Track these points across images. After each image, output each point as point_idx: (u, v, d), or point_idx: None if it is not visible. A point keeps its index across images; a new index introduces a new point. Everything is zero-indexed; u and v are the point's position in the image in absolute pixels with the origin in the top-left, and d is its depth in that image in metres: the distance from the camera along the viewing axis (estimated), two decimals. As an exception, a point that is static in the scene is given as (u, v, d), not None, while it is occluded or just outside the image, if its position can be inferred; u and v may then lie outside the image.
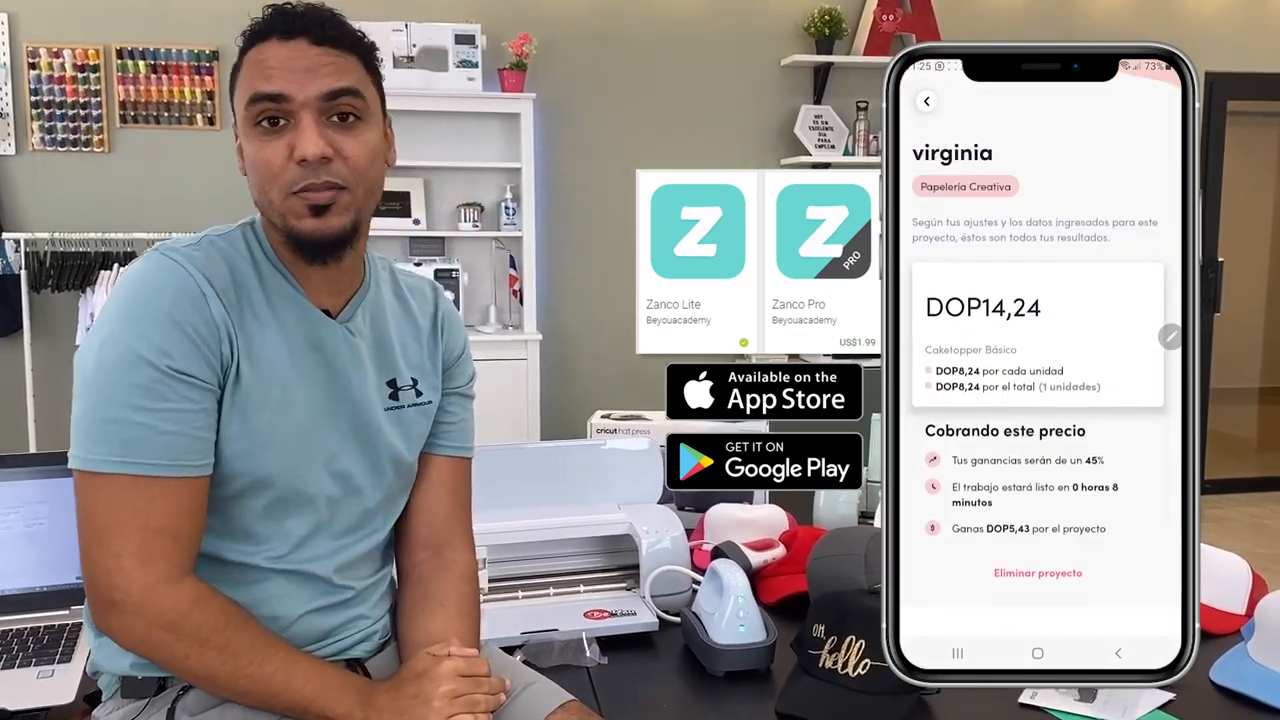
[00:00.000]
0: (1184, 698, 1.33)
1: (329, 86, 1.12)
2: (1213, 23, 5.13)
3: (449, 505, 1.34)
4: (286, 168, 1.12)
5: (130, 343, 1.07)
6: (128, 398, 1.06)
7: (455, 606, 1.27)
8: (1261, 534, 4.90)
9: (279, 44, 1.13)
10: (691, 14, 4.83)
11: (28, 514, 1.55)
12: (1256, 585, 1.62)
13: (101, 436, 1.07)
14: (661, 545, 1.66)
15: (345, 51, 1.16)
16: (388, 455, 1.25)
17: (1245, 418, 6.10)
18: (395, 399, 1.26)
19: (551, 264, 4.78)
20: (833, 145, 4.82)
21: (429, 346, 1.32)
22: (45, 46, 4.34)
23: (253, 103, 1.12)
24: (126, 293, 1.10)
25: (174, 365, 1.07)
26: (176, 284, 1.09)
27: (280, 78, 1.11)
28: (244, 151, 1.16)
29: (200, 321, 1.08)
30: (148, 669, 1.15)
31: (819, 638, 1.36)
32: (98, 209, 4.34)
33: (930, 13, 4.77)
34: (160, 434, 1.06)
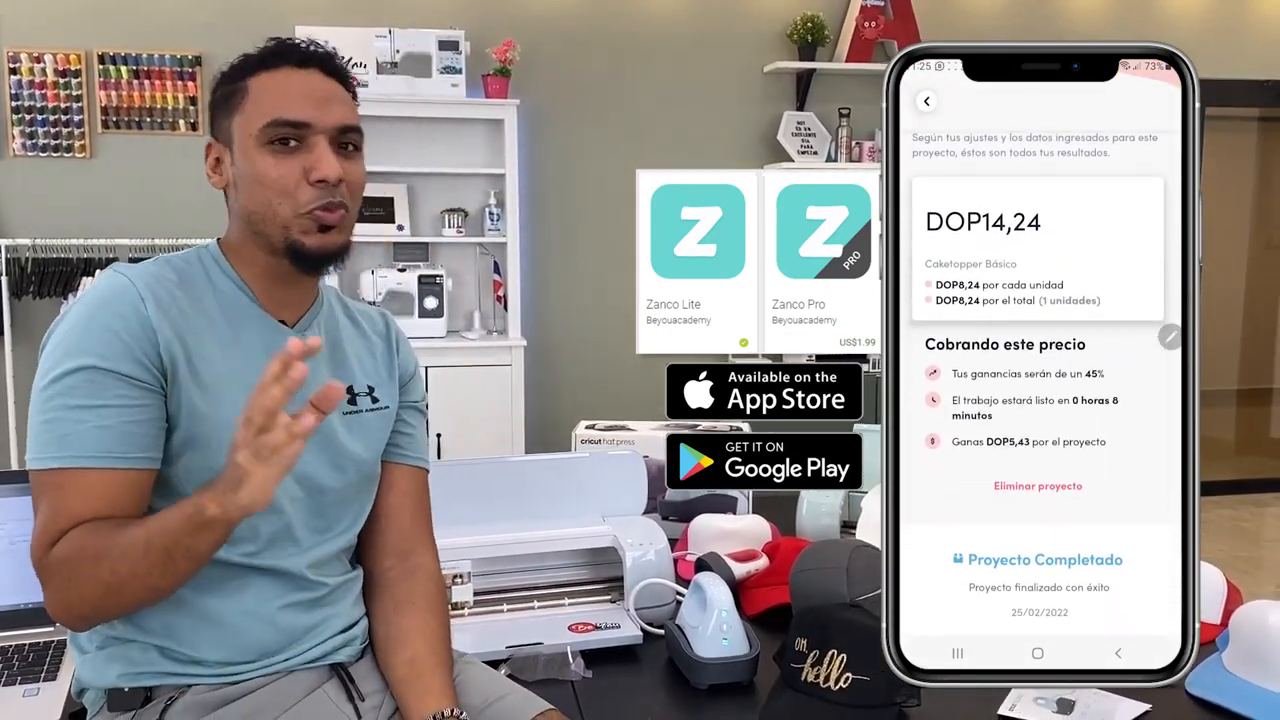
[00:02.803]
0: (1160, 708, 1.35)
1: (343, 121, 1.23)
2: (1191, 30, 5.18)
3: (412, 513, 1.39)
4: (301, 187, 1.19)
5: (68, 350, 1.13)
6: (65, 399, 1.12)
7: (424, 605, 1.32)
8: (1240, 537, 4.94)
9: (294, 72, 1.22)
10: (675, 21, 4.84)
11: (12, 530, 1.54)
12: (1231, 595, 1.64)
13: (45, 438, 1.12)
14: (646, 558, 1.67)
15: (345, 86, 1.26)
16: (348, 456, 1.29)
17: (1223, 420, 6.14)
18: (353, 404, 1.32)
19: (536, 270, 4.78)
20: (815, 151, 4.84)
21: (384, 359, 1.39)
22: (26, 51, 4.32)
23: (272, 126, 1.19)
24: (75, 309, 1.17)
25: (104, 365, 1.12)
26: (116, 295, 1.16)
27: (302, 105, 1.20)
28: (242, 167, 1.21)
29: (136, 323, 1.14)
30: (133, 679, 1.17)
31: (801, 651, 1.38)
32: (80, 215, 4.33)
33: (912, 19, 4.80)
34: (95, 428, 1.11)
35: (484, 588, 1.69)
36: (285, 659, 1.23)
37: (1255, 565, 4.50)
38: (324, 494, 1.28)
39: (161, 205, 4.38)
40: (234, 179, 1.23)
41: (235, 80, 1.23)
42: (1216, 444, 5.99)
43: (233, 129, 1.22)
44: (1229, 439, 6.08)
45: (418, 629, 1.29)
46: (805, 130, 4.86)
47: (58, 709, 1.37)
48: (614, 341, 4.57)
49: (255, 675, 1.21)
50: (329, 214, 1.20)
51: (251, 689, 1.20)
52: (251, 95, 1.21)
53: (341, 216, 1.22)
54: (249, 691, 1.20)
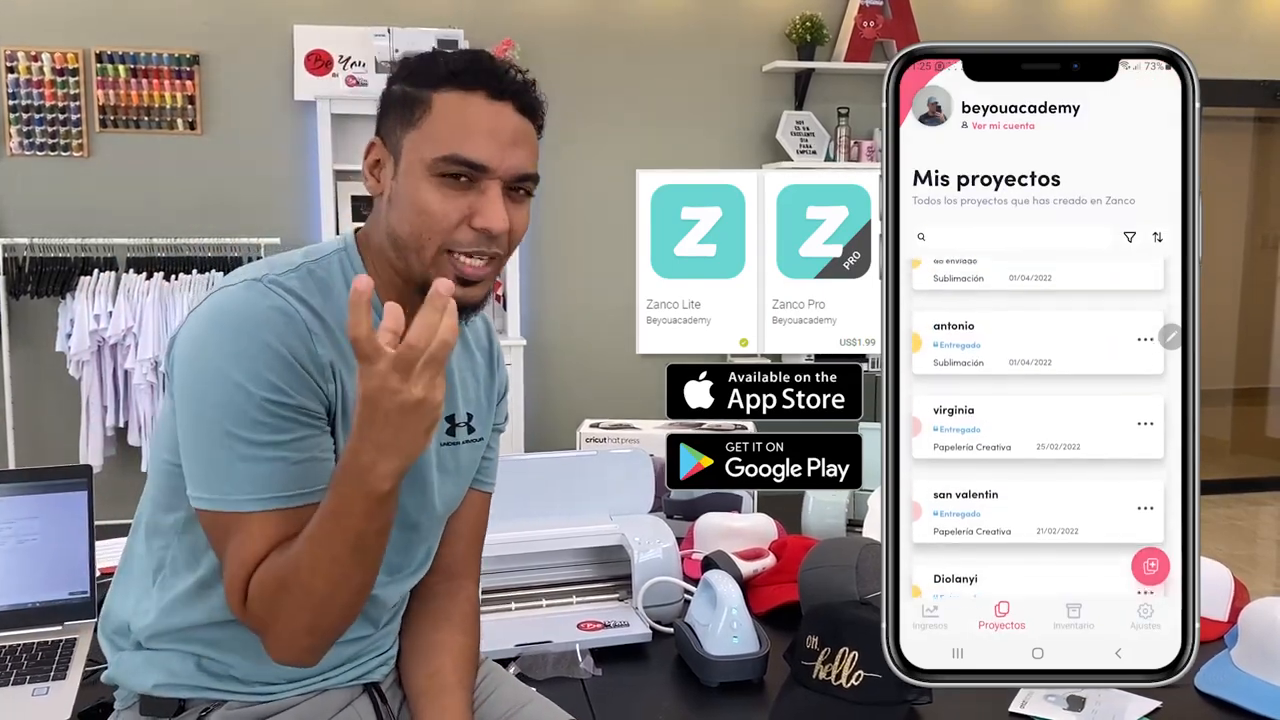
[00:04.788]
0: (1170, 706, 1.35)
1: (522, 169, 1.12)
2: (1188, 30, 5.20)
3: (468, 538, 1.34)
4: (461, 228, 1.09)
5: (245, 382, 1.03)
6: (253, 434, 1.03)
7: (460, 623, 1.29)
8: (1236, 535, 4.96)
9: (486, 102, 1.10)
10: (674, 20, 4.84)
11: (20, 529, 1.54)
12: (1239, 592, 1.64)
13: (233, 476, 1.04)
14: (653, 556, 1.67)
15: (534, 124, 1.15)
16: (438, 491, 1.22)
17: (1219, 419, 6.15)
18: (451, 434, 1.24)
19: (535, 269, 4.78)
20: (814, 151, 4.84)
21: (485, 382, 1.30)
22: (23, 50, 4.31)
23: (450, 160, 1.08)
24: (230, 327, 1.06)
25: (292, 402, 1.05)
26: (282, 318, 1.06)
27: (487, 145, 1.08)
28: (404, 186, 1.10)
29: (308, 359, 1.06)
30: (169, 690, 1.15)
31: (812, 649, 1.38)
32: (77, 214, 4.30)
33: (910, 19, 4.81)
34: (291, 465, 1.05)
35: (492, 586, 1.68)
36: (323, 679, 1.20)
37: (1251, 564, 4.53)
38: (412, 529, 1.21)
39: (159, 204, 4.36)
40: (391, 192, 1.12)
41: (420, 86, 1.10)
42: (1212, 443, 6.00)
43: (404, 141, 1.10)
44: (1225, 438, 6.10)
45: (446, 645, 1.25)
46: (804, 130, 4.86)
47: (67, 708, 1.37)
48: (614, 341, 4.56)
49: (290, 695, 1.18)
50: (474, 267, 1.10)
51: (284, 706, 1.17)
52: (434, 114, 1.09)
53: (488, 271, 1.12)
54: (281, 709, 1.17)
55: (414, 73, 1.12)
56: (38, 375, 4.32)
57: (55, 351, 4.15)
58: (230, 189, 4.35)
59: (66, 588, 1.56)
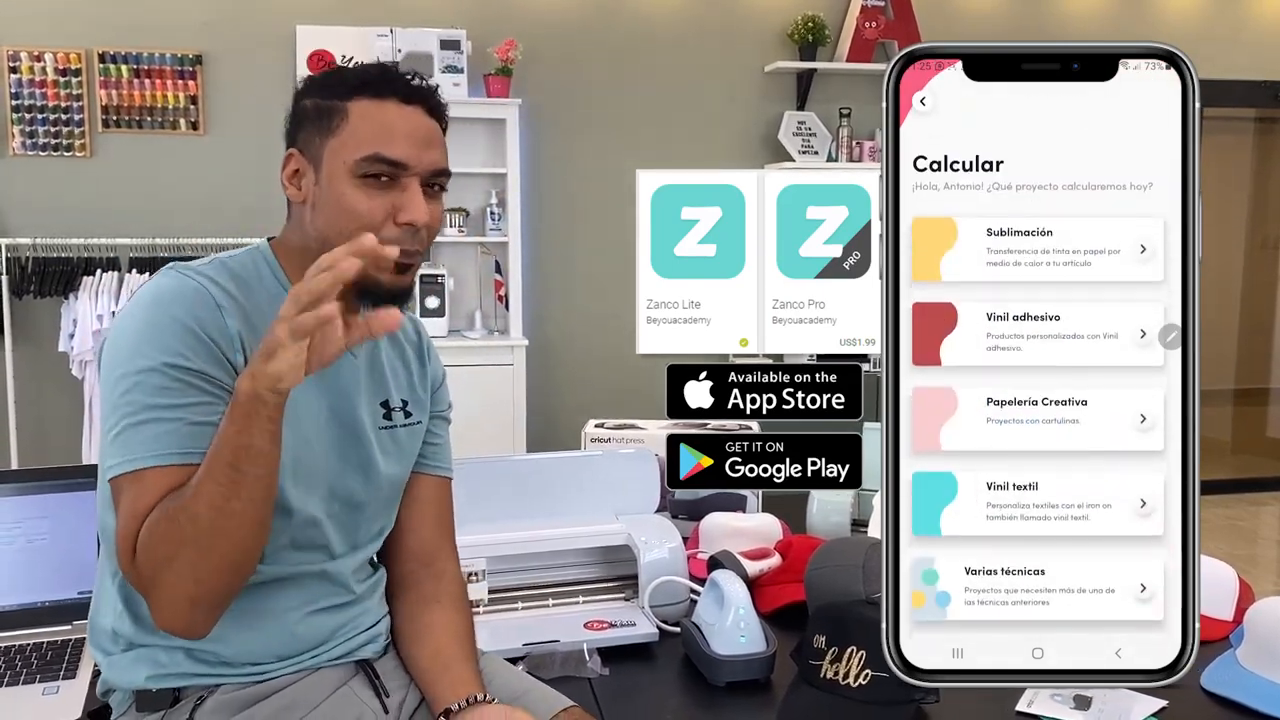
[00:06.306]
0: (1176, 705, 1.35)
1: (437, 165, 1.20)
2: (1187, 30, 5.20)
3: (435, 522, 1.39)
4: (386, 225, 1.17)
5: (151, 353, 1.10)
6: (154, 399, 1.09)
7: (449, 602, 1.34)
8: (1237, 536, 4.96)
9: (399, 107, 1.18)
10: (676, 21, 4.85)
11: (29, 529, 1.54)
12: (1244, 592, 1.65)
13: (134, 440, 1.09)
14: (660, 556, 1.68)
15: (441, 125, 1.24)
16: (383, 473, 1.29)
17: (1219, 419, 6.16)
18: (389, 419, 1.31)
19: (537, 269, 4.78)
20: (816, 151, 4.85)
21: (417, 372, 1.38)
22: (26, 50, 4.31)
23: (371, 160, 1.16)
24: (143, 309, 1.13)
25: (193, 366, 1.10)
26: (192, 295, 1.13)
27: (404, 146, 1.17)
28: (327, 191, 1.18)
29: (213, 325, 1.12)
30: (161, 681, 1.17)
31: (820, 648, 1.38)
32: (80, 214, 4.31)
33: (912, 19, 4.82)
34: (189, 425, 1.09)
35: (499, 586, 1.69)
36: (313, 657, 1.24)
37: (1252, 564, 4.53)
38: (358, 508, 1.28)
39: (161, 204, 4.37)
40: (314, 198, 1.20)
41: (333, 98, 1.19)
42: (1213, 444, 6.01)
43: (324, 149, 1.18)
44: (1225, 439, 6.11)
45: (441, 624, 1.30)
46: (806, 130, 4.87)
47: (77, 707, 1.37)
48: (614, 341, 4.57)
49: (283, 674, 1.22)
50: (406, 256, 1.18)
51: (279, 687, 1.21)
52: (351, 121, 1.17)
53: (415, 257, 1.20)
54: (277, 689, 1.20)
55: (324, 86, 1.21)
56: (41, 375, 4.33)
57: (58, 351, 4.16)
58: (233, 189, 4.34)
59: (75, 587, 1.56)
